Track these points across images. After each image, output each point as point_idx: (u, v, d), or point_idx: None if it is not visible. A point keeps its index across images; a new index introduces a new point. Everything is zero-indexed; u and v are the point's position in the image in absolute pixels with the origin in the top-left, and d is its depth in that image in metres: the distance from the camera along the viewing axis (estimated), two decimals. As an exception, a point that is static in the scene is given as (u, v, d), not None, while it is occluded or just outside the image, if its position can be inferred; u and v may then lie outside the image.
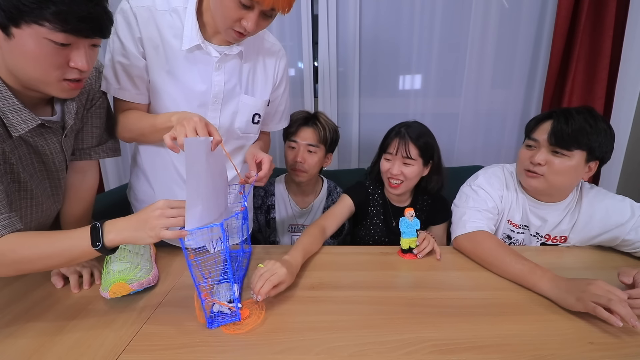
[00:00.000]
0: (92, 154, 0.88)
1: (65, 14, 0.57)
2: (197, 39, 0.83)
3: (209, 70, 0.87)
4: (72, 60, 0.63)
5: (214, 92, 0.89)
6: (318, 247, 1.00)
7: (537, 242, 1.06)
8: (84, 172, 0.89)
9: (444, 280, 0.86)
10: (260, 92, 0.97)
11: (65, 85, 0.66)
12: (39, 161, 0.76)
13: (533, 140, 0.96)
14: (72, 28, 0.59)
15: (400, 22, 1.71)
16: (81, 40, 0.62)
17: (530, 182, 0.98)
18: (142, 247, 0.84)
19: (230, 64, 0.89)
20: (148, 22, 0.82)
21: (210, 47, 0.85)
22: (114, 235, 0.63)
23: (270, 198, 1.33)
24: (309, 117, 1.23)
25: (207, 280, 0.68)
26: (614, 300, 0.63)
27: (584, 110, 0.92)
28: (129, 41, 0.82)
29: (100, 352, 0.61)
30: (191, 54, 0.85)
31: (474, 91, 1.78)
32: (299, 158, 1.20)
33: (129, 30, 0.82)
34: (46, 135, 0.74)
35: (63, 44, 0.60)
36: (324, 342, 0.63)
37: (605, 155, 0.93)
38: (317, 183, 1.36)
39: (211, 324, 0.67)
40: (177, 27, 0.84)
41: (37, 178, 0.77)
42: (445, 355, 0.60)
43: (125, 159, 1.93)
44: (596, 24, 1.58)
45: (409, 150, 1.06)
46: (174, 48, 0.84)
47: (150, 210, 0.63)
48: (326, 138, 1.23)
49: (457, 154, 1.87)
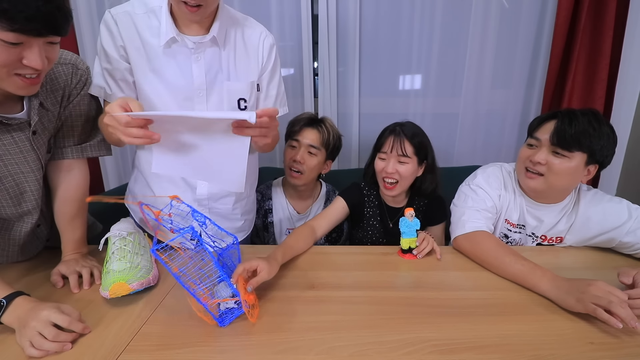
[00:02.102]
0: (74, 152, 0.87)
1: (12, 13, 0.54)
2: (171, 32, 0.86)
3: (188, 62, 0.89)
4: (25, 58, 0.61)
5: (197, 84, 0.90)
6: (305, 245, 0.99)
7: (532, 242, 1.06)
8: (69, 170, 0.88)
9: (443, 280, 0.86)
10: (245, 75, 0.96)
11: (19, 81, 0.64)
12: (4, 162, 0.74)
13: (535, 139, 0.96)
14: (20, 27, 0.57)
15: (400, 22, 1.71)
16: (34, 39, 0.61)
17: (529, 183, 0.97)
18: (142, 247, 0.84)
19: (208, 53, 0.90)
20: (129, 26, 0.86)
21: (185, 39, 0.87)
22: (7, 318, 0.63)
23: (268, 202, 1.32)
24: (314, 119, 1.23)
25: (201, 285, 0.68)
26: (614, 302, 0.63)
27: (589, 113, 0.91)
28: (112, 49, 0.87)
29: (100, 352, 0.61)
30: (169, 48, 0.88)
31: (474, 91, 1.78)
32: (298, 157, 1.19)
33: (112, 38, 0.87)
34: (13, 134, 0.73)
35: (14, 43, 0.58)
36: (324, 342, 0.63)
37: (606, 159, 0.92)
38: (315, 187, 1.35)
39: (222, 323, 0.68)
40: (155, 27, 0.87)
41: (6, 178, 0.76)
42: (445, 355, 0.60)
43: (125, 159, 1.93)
44: (596, 24, 1.58)
45: (405, 148, 1.06)
46: (154, 46, 0.87)
47: (34, 318, 0.61)
48: (329, 142, 1.22)
49: (457, 154, 1.87)
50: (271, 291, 0.79)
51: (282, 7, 1.68)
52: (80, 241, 0.92)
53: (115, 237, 0.81)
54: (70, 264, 0.84)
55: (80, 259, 0.88)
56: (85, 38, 1.69)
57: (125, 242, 0.80)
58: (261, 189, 1.34)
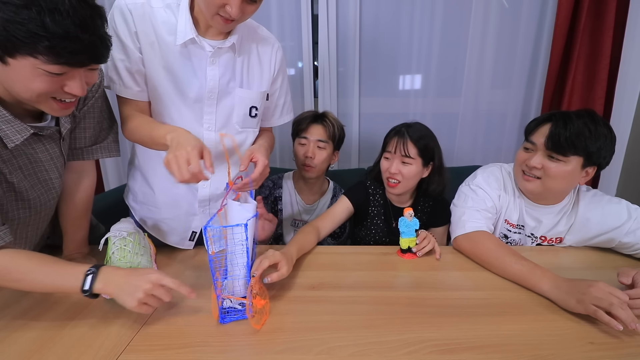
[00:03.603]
0: (86, 154, 0.87)
1: (58, 49, 0.56)
2: (191, 33, 0.84)
3: (204, 64, 0.88)
4: (66, 86, 0.63)
5: (209, 87, 0.90)
6: (311, 245, 1.00)
7: (532, 242, 1.06)
8: (79, 172, 0.88)
9: (444, 280, 0.86)
10: (257, 84, 0.97)
11: (55, 105, 0.66)
12: (40, 169, 0.76)
13: (531, 143, 0.96)
14: (66, 61, 0.58)
15: (400, 22, 1.71)
16: (76, 70, 0.62)
17: (526, 185, 0.97)
18: (142, 247, 0.84)
19: (224, 58, 0.90)
20: (143, 18, 0.83)
21: (204, 42, 0.86)
22: (102, 285, 0.65)
23: (278, 190, 1.37)
24: (317, 115, 1.29)
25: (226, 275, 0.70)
26: (614, 304, 0.63)
27: (585, 114, 0.90)
28: (127, 37, 0.83)
29: (100, 352, 0.61)
30: (185, 48, 0.86)
31: (474, 91, 1.78)
32: (310, 153, 1.24)
33: (126, 26, 0.83)
34: (44, 141, 0.75)
35: (57, 73, 0.60)
36: (324, 342, 0.63)
37: (604, 160, 0.91)
38: (323, 182, 1.40)
39: (223, 320, 0.69)
40: (171, 23, 0.85)
41: (41, 188, 0.77)
42: (445, 355, 0.60)
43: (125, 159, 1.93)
44: (596, 24, 1.58)
45: (407, 149, 1.06)
46: (169, 44, 0.85)
47: (143, 280, 0.65)
48: (335, 135, 1.28)
49: (457, 154, 1.88)
50: (271, 291, 0.79)
51: (282, 7, 1.68)
52: (82, 241, 0.92)
53: (115, 237, 0.81)
54: (70, 264, 0.84)
55: (81, 258, 0.88)
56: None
57: (125, 242, 0.81)
58: (273, 178, 1.39)
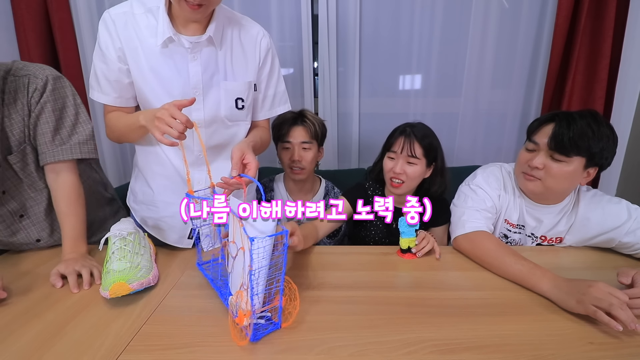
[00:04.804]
0: (52, 156, 0.90)
1: None
2: (168, 32, 0.86)
3: (185, 61, 0.90)
4: None
5: (193, 83, 0.91)
6: (312, 240, 1.01)
7: (532, 242, 1.06)
8: (56, 172, 0.92)
9: (443, 280, 0.86)
10: (242, 74, 0.97)
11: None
12: None
13: (533, 143, 0.96)
14: None
15: (400, 22, 1.71)
16: None
17: (527, 185, 0.97)
18: (142, 247, 0.84)
19: (205, 52, 0.91)
20: (126, 26, 0.87)
21: (182, 38, 0.88)
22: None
23: (270, 193, 1.36)
24: (296, 116, 1.27)
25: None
26: (614, 305, 0.63)
27: (588, 115, 0.90)
28: (109, 48, 0.88)
29: (100, 352, 0.61)
30: (166, 48, 0.88)
31: (474, 91, 1.78)
32: (296, 157, 1.23)
33: (109, 36, 0.88)
34: None
35: None
36: (324, 342, 0.63)
37: (605, 161, 0.91)
38: (314, 181, 1.38)
39: (255, 338, 0.63)
40: (153, 26, 0.88)
41: None
42: (445, 355, 0.60)
43: (125, 160, 1.93)
44: (596, 24, 1.58)
45: (414, 149, 1.06)
46: (151, 46, 0.88)
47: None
48: (317, 133, 1.27)
49: (457, 153, 1.88)
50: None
51: (282, 7, 1.68)
52: (78, 240, 0.92)
53: (115, 237, 0.81)
54: (69, 263, 0.84)
55: (80, 258, 0.88)
56: (85, 38, 1.70)
57: (126, 242, 0.81)
58: (264, 181, 1.39)
